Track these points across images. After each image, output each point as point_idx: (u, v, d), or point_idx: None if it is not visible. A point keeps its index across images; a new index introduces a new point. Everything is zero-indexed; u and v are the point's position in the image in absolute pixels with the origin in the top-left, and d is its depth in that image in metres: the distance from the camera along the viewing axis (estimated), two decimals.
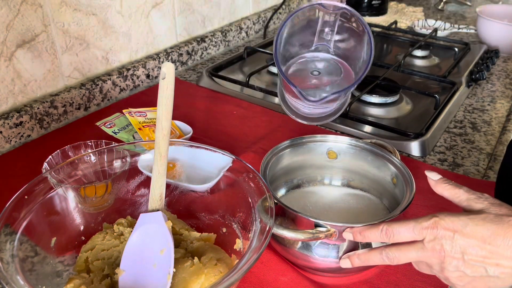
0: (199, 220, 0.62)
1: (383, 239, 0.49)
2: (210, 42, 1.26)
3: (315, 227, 0.54)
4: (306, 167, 0.71)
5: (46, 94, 0.91)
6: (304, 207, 0.65)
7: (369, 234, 0.50)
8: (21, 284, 0.44)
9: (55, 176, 0.57)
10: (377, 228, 0.50)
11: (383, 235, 0.49)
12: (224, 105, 1.00)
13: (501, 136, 0.92)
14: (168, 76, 0.51)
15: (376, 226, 0.50)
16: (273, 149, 0.66)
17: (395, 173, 0.64)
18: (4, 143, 0.83)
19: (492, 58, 1.22)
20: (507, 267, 0.44)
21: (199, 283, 0.51)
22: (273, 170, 0.66)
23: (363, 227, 0.51)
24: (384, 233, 0.49)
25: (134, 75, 1.06)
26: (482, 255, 0.44)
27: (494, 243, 0.44)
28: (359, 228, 0.52)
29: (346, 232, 0.53)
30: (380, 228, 0.49)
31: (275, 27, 1.54)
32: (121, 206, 0.62)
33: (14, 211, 0.50)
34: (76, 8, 0.91)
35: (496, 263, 0.44)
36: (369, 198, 0.68)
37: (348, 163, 0.70)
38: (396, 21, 1.46)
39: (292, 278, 0.59)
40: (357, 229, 0.52)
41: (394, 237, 0.49)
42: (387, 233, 0.49)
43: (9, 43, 0.81)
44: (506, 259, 0.43)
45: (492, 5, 1.46)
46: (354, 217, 0.64)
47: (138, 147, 0.64)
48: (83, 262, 0.55)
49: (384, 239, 0.49)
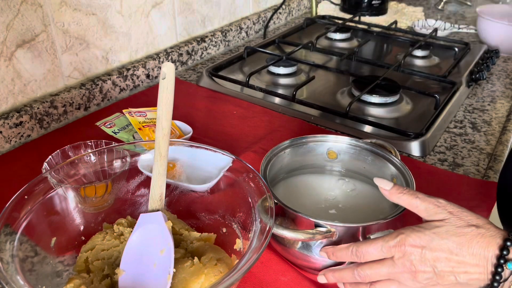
0: (199, 220, 0.62)
1: (354, 259, 0.52)
2: (210, 42, 1.26)
3: (315, 227, 0.54)
4: (306, 167, 0.71)
5: (46, 94, 0.91)
6: (304, 207, 0.65)
7: (341, 255, 0.53)
8: (21, 284, 0.44)
9: (55, 176, 0.57)
10: (347, 249, 0.52)
11: (353, 256, 0.52)
12: (224, 105, 1.00)
13: (501, 136, 0.92)
14: (168, 76, 0.51)
15: (346, 247, 0.53)
16: (273, 149, 0.66)
17: (395, 173, 0.64)
18: (4, 143, 0.83)
19: (492, 58, 1.21)
20: (474, 273, 0.47)
21: (199, 283, 0.51)
22: (273, 170, 0.66)
23: (334, 248, 0.54)
24: (354, 254, 0.52)
25: (134, 75, 1.06)
26: (451, 265, 0.47)
27: (460, 253, 0.47)
28: (331, 248, 0.54)
29: (321, 251, 0.55)
30: (350, 249, 0.52)
31: (275, 27, 1.54)
32: (121, 206, 0.62)
33: (14, 211, 0.50)
34: (76, 8, 0.91)
35: (464, 271, 0.47)
36: (370, 197, 0.68)
37: (348, 163, 0.70)
38: (396, 21, 1.46)
39: (292, 278, 0.59)
40: (330, 250, 0.54)
41: (364, 257, 0.51)
42: (357, 254, 0.51)
43: (9, 43, 0.81)
44: (472, 267, 0.47)
45: (492, 5, 1.46)
46: (355, 216, 0.64)
47: (138, 147, 0.64)
48: (83, 262, 0.55)
49: (354, 259, 0.52)
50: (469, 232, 0.47)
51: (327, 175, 0.72)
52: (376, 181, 0.55)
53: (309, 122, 0.95)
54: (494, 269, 0.46)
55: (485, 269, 0.47)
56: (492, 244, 0.47)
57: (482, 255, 0.47)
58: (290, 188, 0.69)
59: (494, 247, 0.46)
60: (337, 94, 1.06)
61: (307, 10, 1.72)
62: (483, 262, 0.47)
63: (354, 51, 1.21)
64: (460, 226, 0.48)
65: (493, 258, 0.46)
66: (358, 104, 0.98)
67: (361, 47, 1.27)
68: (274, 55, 1.19)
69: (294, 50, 1.21)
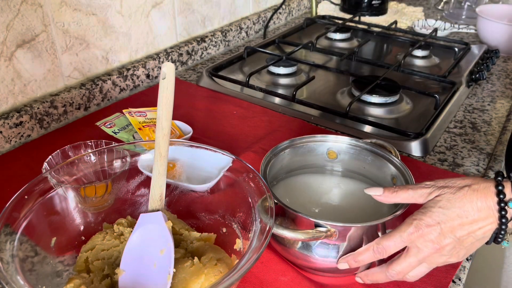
0: (199, 220, 0.62)
1: (377, 258, 0.53)
2: (210, 42, 1.26)
3: (315, 227, 0.54)
4: (306, 167, 0.71)
5: (46, 94, 0.91)
6: (304, 207, 0.65)
7: (363, 258, 0.54)
8: (21, 284, 0.44)
9: (55, 176, 0.57)
10: (368, 250, 0.54)
11: (376, 254, 0.53)
12: (224, 105, 1.00)
13: (501, 136, 0.92)
14: (168, 76, 0.51)
15: (365, 249, 0.54)
16: (273, 149, 0.66)
17: (395, 173, 0.64)
18: (4, 143, 0.83)
19: (492, 58, 1.21)
20: (486, 226, 0.51)
21: (199, 283, 0.51)
22: (273, 170, 0.66)
23: (354, 255, 0.55)
24: (377, 251, 0.53)
25: (134, 75, 1.06)
26: (466, 228, 0.51)
27: (468, 214, 0.50)
28: (351, 256, 0.55)
29: (340, 263, 0.56)
30: (372, 249, 0.53)
31: (275, 27, 1.54)
32: (121, 206, 0.62)
33: (14, 211, 0.50)
34: (76, 8, 0.91)
35: (478, 228, 0.51)
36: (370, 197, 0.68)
37: (348, 163, 0.70)
38: (396, 21, 1.46)
39: (292, 278, 0.59)
40: (350, 258, 0.55)
41: (387, 252, 0.53)
42: (379, 251, 0.53)
43: (9, 43, 0.81)
44: (483, 220, 0.50)
45: (492, 5, 1.46)
46: (355, 216, 0.64)
47: (138, 147, 0.64)
48: (83, 262, 0.55)
49: (378, 257, 0.53)
50: (465, 193, 0.51)
51: (327, 175, 0.72)
52: (367, 191, 0.57)
53: (309, 122, 0.95)
54: (499, 213, 0.50)
55: (494, 218, 0.50)
56: (489, 194, 0.50)
57: (486, 206, 0.50)
58: (290, 188, 0.69)
59: (492, 195, 0.50)
60: (337, 94, 1.06)
61: (307, 10, 1.72)
62: (490, 212, 0.50)
63: (354, 51, 1.21)
64: (455, 192, 0.51)
65: (495, 204, 0.50)
66: (358, 104, 0.98)
67: (361, 47, 1.27)
68: (274, 55, 1.19)
69: (294, 50, 1.21)
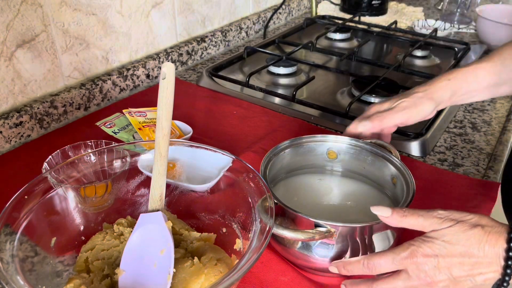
0: (199, 220, 0.62)
1: (366, 272, 0.52)
2: (210, 42, 1.26)
3: (315, 227, 0.54)
4: (306, 167, 0.71)
5: (46, 94, 0.91)
6: (305, 207, 0.65)
7: (352, 268, 0.53)
8: (21, 284, 0.44)
9: (55, 176, 0.57)
10: (359, 263, 0.52)
11: (365, 269, 0.52)
12: (224, 105, 1.00)
13: (501, 136, 0.92)
14: (168, 76, 0.51)
15: (357, 260, 0.52)
16: (273, 149, 0.66)
17: (395, 173, 0.64)
18: (4, 143, 0.83)
19: None
20: (488, 272, 0.47)
21: (199, 283, 0.51)
22: (273, 170, 0.66)
23: (344, 262, 0.54)
24: (366, 266, 0.52)
25: (134, 75, 1.06)
26: (466, 269, 0.47)
27: (473, 255, 0.47)
28: (341, 263, 0.54)
29: (331, 266, 0.55)
30: (362, 262, 0.52)
31: (275, 27, 1.54)
32: (121, 206, 0.62)
33: (14, 211, 0.50)
34: (76, 8, 0.91)
35: (479, 272, 0.47)
36: (370, 197, 0.68)
37: (348, 163, 0.70)
38: (396, 21, 1.46)
39: (292, 278, 0.59)
40: (340, 264, 0.54)
41: (376, 270, 0.51)
42: (369, 267, 0.51)
43: (9, 43, 0.81)
44: (487, 266, 0.47)
45: (492, 5, 1.46)
46: (355, 217, 0.64)
47: (138, 147, 0.64)
48: (83, 262, 0.55)
49: (366, 272, 0.52)
50: (476, 233, 0.47)
51: (327, 175, 0.72)
52: (373, 210, 0.54)
53: (309, 122, 0.95)
54: (505, 262, 0.46)
55: (499, 266, 0.47)
56: (500, 240, 0.46)
57: (493, 252, 0.46)
58: (290, 188, 0.69)
59: (503, 241, 0.46)
60: (337, 94, 1.06)
61: (307, 10, 1.72)
62: (496, 259, 0.46)
63: (354, 51, 1.21)
64: (466, 229, 0.48)
65: (503, 252, 0.46)
66: (358, 104, 0.98)
67: (361, 47, 1.27)
68: (274, 55, 1.19)
69: (294, 50, 1.21)
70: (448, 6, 1.60)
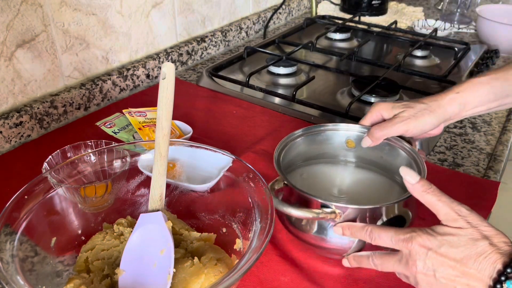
0: (199, 220, 0.62)
1: (366, 238, 0.54)
2: (210, 42, 1.26)
3: (321, 207, 0.56)
4: (323, 156, 0.72)
5: (46, 94, 0.91)
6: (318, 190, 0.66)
7: (355, 231, 0.55)
8: (21, 284, 0.44)
9: (55, 176, 0.57)
10: (363, 228, 0.54)
11: (366, 235, 0.54)
12: (224, 105, 1.00)
13: (501, 136, 0.92)
14: (168, 76, 0.51)
15: (362, 226, 0.54)
16: (289, 135, 0.67)
17: (409, 162, 0.65)
18: (4, 143, 0.83)
19: (492, 58, 1.21)
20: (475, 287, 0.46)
21: (199, 283, 0.51)
22: (288, 156, 0.67)
23: (350, 224, 0.55)
24: (368, 233, 0.53)
25: (134, 75, 1.06)
26: (454, 274, 0.47)
27: (467, 265, 0.46)
28: (346, 224, 0.56)
29: (336, 227, 0.56)
30: (365, 229, 0.54)
31: (275, 27, 1.54)
32: (121, 206, 0.62)
33: (14, 211, 0.50)
34: (76, 8, 0.91)
35: (466, 283, 0.46)
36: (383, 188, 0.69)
37: (365, 153, 0.71)
38: (396, 21, 1.46)
39: (292, 279, 0.59)
40: (345, 225, 0.56)
41: (375, 240, 0.53)
42: (370, 234, 0.53)
43: (9, 43, 0.81)
44: (476, 281, 0.46)
45: (492, 5, 1.46)
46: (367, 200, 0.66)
47: (138, 147, 0.64)
48: (83, 262, 0.55)
49: (366, 239, 0.54)
50: (481, 246, 0.46)
51: (341, 165, 0.72)
52: (402, 171, 0.52)
53: (309, 122, 0.95)
54: (493, 284, 0.45)
55: (486, 286, 0.45)
56: (499, 261, 0.45)
57: (487, 270, 0.45)
58: (305, 176, 0.70)
59: (500, 264, 0.45)
60: (337, 94, 1.06)
61: (307, 10, 1.72)
62: (485, 278, 0.45)
63: (354, 51, 1.21)
64: (474, 238, 0.47)
65: (495, 273, 0.45)
66: (358, 104, 0.98)
67: (361, 47, 1.27)
68: (274, 55, 1.19)
69: (294, 50, 1.21)
70: (448, 6, 1.60)
